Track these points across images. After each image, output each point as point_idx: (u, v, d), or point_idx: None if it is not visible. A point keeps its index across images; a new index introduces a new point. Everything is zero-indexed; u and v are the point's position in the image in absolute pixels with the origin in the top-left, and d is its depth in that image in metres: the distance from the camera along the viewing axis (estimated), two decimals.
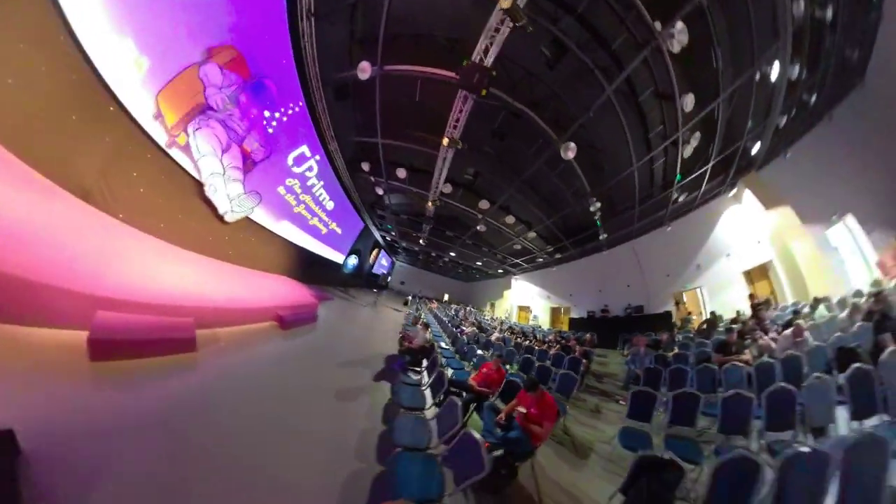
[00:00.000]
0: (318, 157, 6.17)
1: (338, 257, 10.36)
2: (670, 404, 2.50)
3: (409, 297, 18.36)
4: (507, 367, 4.09)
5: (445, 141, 5.44)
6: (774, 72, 4.50)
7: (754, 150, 6.56)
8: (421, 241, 14.37)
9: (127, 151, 2.84)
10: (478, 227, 10.90)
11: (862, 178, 5.68)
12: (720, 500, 1.25)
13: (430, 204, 8.99)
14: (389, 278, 23.47)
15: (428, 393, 2.87)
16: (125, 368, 1.81)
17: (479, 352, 5.14)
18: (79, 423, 1.35)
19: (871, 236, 5.60)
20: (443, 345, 5.49)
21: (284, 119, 4.72)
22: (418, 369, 3.67)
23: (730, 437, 2.19)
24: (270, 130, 4.52)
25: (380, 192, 8.81)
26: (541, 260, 14.69)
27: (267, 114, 4.34)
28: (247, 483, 1.43)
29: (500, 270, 19.11)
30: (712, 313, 7.93)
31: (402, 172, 7.31)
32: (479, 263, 18.09)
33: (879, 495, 1.14)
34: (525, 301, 18.11)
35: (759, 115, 5.53)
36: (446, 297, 28.65)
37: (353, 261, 12.00)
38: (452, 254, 16.81)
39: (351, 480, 1.67)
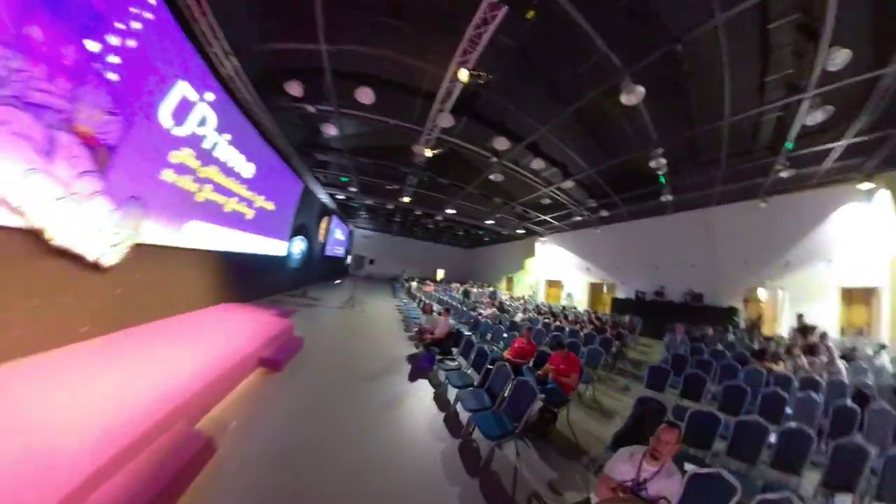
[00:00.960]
0: (210, 97, 5.19)
1: (278, 248, 9.81)
2: (681, 384, 4.32)
3: (395, 283, 18.45)
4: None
5: (463, 75, 5.18)
6: None
7: None
8: (404, 199, 13.69)
9: None
10: (491, 176, 10.49)
11: None
12: None
13: (423, 149, 8.34)
14: (350, 258, 23.17)
15: (471, 372, 4.54)
16: None
17: (506, 334, 6.59)
18: None
19: None
20: (465, 331, 6.55)
21: (131, 43, 3.68)
22: (451, 357, 5.41)
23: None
24: (113, 76, 3.54)
25: (329, 129, 7.85)
26: (579, 217, 14.53)
27: (94, 46, 3.33)
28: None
29: (519, 231, 18.92)
30: (800, 317, 8.88)
31: (366, 94, 6.34)
32: (489, 222, 17.70)
33: None
34: (555, 274, 18.54)
35: None
36: (441, 273, 29.10)
37: (299, 246, 11.43)
38: (450, 211, 16.21)
39: (446, 457, 3.04)
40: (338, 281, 17.01)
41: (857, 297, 8.79)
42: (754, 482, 2.56)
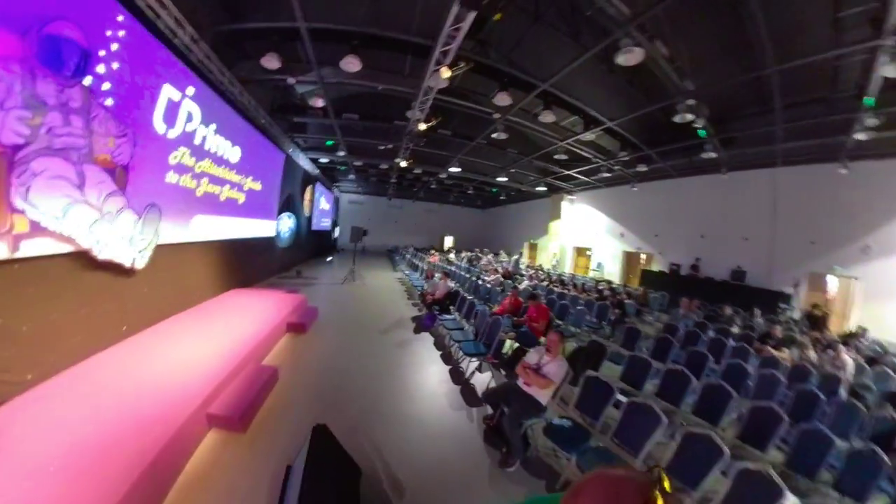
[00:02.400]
0: (192, 91, 6.28)
1: (268, 228, 11.19)
2: (652, 346, 6.06)
3: (394, 254, 19.86)
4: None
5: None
6: None
7: None
8: (401, 163, 14.69)
9: None
10: (493, 136, 11.48)
11: None
12: None
13: (418, 121, 9.30)
14: (338, 231, 24.13)
15: (465, 324, 7.06)
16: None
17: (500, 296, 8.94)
18: None
19: None
20: (463, 293, 8.83)
21: (115, 66, 4.76)
22: (449, 315, 7.78)
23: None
24: (110, 102, 4.68)
25: (316, 102, 8.83)
26: (608, 174, 15.26)
27: (89, 80, 4.46)
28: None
29: (539, 188, 19.71)
30: (814, 307, 9.98)
31: (352, 63, 7.19)
32: (501, 179, 18.50)
33: None
34: (585, 240, 19.57)
35: None
36: (449, 241, 30.05)
37: (287, 224, 12.78)
38: (455, 169, 17.08)
39: (441, 378, 5.42)
40: (329, 258, 18.50)
41: None
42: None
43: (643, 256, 17.01)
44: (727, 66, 7.50)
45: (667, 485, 0.66)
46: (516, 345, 5.63)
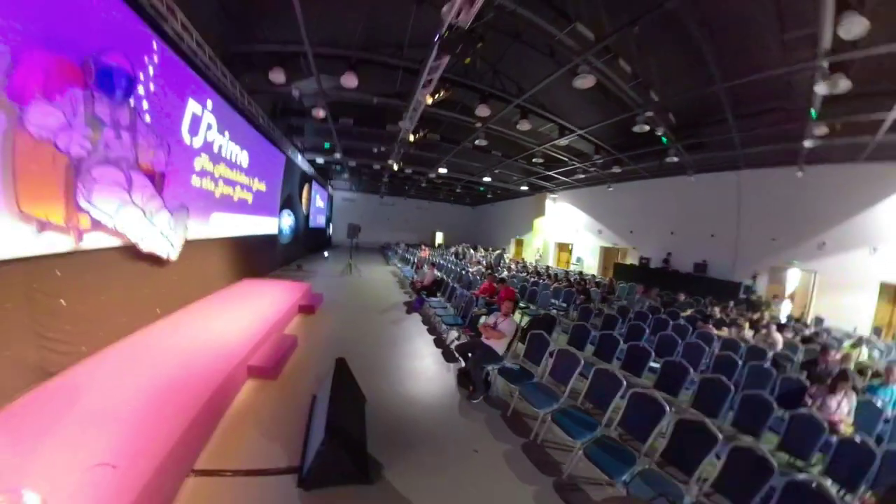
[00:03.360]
0: (210, 104, 7.11)
1: (272, 225, 12.07)
2: (602, 320, 7.46)
3: (387, 250, 20.76)
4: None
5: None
6: None
7: None
8: (392, 165, 15.57)
9: (38, 294, 3.70)
10: (475, 142, 12.60)
11: None
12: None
13: (407, 132, 10.25)
14: (332, 228, 24.98)
15: (448, 305, 8.37)
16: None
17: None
18: None
19: None
20: (448, 280, 10.32)
21: (152, 87, 5.59)
22: (435, 299, 9.05)
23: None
24: (148, 119, 5.50)
25: (318, 113, 9.72)
26: (582, 176, 16.56)
27: (133, 101, 5.27)
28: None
29: (523, 187, 20.79)
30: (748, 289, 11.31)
31: (350, 79, 8.03)
32: (486, 179, 19.54)
33: None
34: (566, 236, 20.70)
35: None
36: (440, 237, 30.98)
37: (288, 221, 13.65)
38: (443, 170, 18.08)
39: (427, 343, 6.89)
40: (326, 254, 19.31)
41: None
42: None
43: (619, 251, 18.12)
44: (691, 80, 8.22)
45: None
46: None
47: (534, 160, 14.96)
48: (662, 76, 8.24)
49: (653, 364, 5.23)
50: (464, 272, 12.18)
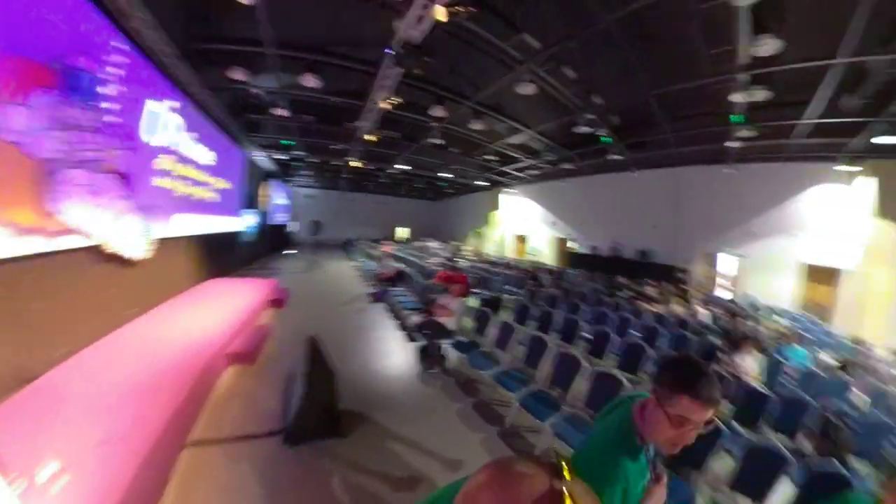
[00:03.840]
0: (172, 102, 7.23)
1: (235, 224, 12.12)
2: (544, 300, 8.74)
3: (349, 246, 21.00)
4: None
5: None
6: None
7: None
8: (352, 163, 15.81)
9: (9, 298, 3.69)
10: (433, 141, 13.10)
11: None
12: None
13: (365, 132, 10.60)
14: (294, 225, 24.44)
15: (408, 293, 9.59)
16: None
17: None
18: None
19: None
20: (408, 271, 11.33)
21: (116, 87, 5.65)
22: (398, 289, 9.98)
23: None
24: (111, 119, 5.57)
25: (278, 111, 9.94)
26: (536, 172, 17.51)
27: (97, 102, 5.39)
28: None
29: (480, 182, 21.55)
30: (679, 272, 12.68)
31: (310, 80, 8.27)
32: (446, 175, 20.12)
33: None
34: (523, 228, 21.72)
35: None
36: (402, 232, 31.30)
37: (250, 219, 13.64)
38: (402, 166, 18.47)
39: (390, 328, 7.61)
40: (288, 251, 19.30)
41: (821, 276, 10.99)
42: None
43: (571, 242, 19.31)
44: (632, 85, 8.90)
45: (567, 474, 0.66)
46: None
47: (486, 157, 15.72)
48: (605, 82, 8.95)
49: (587, 335, 6.06)
50: (424, 263, 12.82)
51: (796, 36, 6.03)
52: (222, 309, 6.61)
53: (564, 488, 0.63)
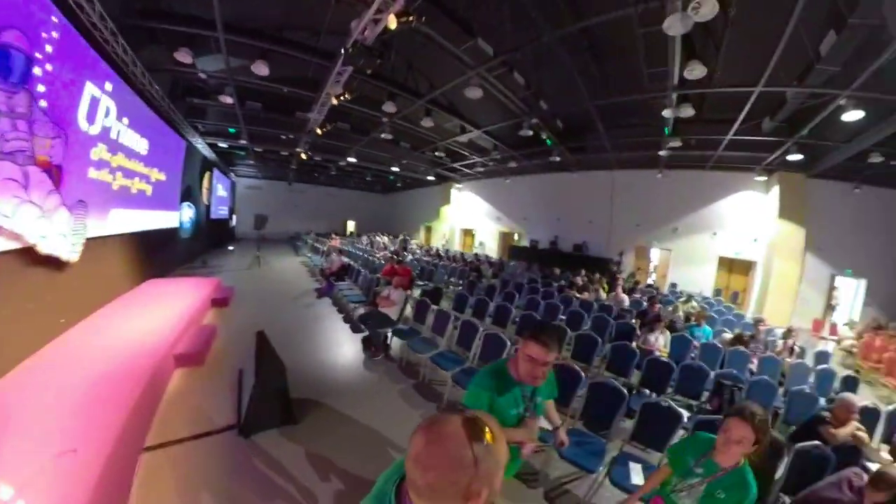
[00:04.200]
0: (110, 86, 6.80)
1: (173, 219, 11.46)
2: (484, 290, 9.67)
3: (297, 241, 20.57)
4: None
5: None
6: None
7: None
8: (301, 154, 15.49)
9: None
10: (381, 136, 13.20)
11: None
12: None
13: (316, 125, 10.52)
14: (236, 219, 23.79)
15: (354, 286, 9.80)
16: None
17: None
18: None
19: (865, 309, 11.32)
20: (355, 265, 11.32)
21: (50, 68, 5.26)
22: (344, 283, 10.10)
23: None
24: (44, 103, 5.12)
25: (226, 98, 9.60)
26: (481, 169, 18.30)
27: (30, 85, 4.77)
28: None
29: (429, 177, 21.90)
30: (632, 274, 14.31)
31: (262, 67, 7.90)
32: (395, 168, 20.25)
33: None
34: (470, 223, 22.34)
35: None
36: (352, 225, 30.93)
37: (188, 214, 12.98)
38: (352, 159, 18.27)
39: (339, 322, 7.88)
40: (231, 247, 18.61)
41: (737, 268, 13.52)
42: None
43: (516, 235, 20.28)
44: (576, 94, 9.43)
45: (478, 422, 0.85)
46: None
47: (436, 154, 16.23)
48: (553, 90, 9.59)
49: (517, 320, 6.79)
50: (370, 258, 13.13)
51: (727, 64, 7.05)
52: (164, 311, 6.40)
53: (473, 415, 0.89)
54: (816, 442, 3.27)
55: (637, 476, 2.94)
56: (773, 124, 8.97)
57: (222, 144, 16.28)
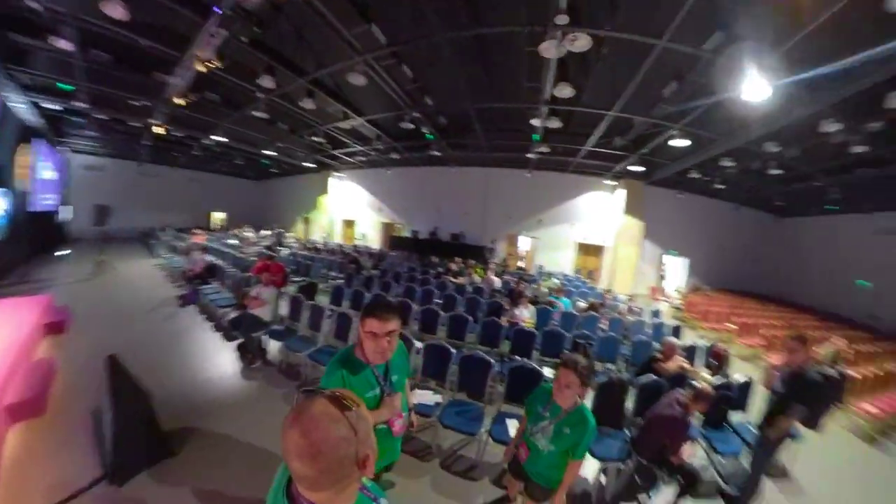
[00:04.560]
0: None
1: None
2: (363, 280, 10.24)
3: (150, 239, 17.30)
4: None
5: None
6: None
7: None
8: (157, 128, 13.12)
9: None
10: (255, 114, 11.83)
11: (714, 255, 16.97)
12: None
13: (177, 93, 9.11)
14: (68, 211, 18.02)
15: (223, 288, 8.83)
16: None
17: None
18: None
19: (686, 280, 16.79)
20: (221, 264, 10.40)
21: None
22: (210, 286, 8.87)
23: None
24: None
25: (59, 42, 6.97)
26: (363, 159, 18.32)
27: None
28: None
29: (309, 164, 20.84)
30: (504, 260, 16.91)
31: (117, 9, 5.98)
32: (269, 152, 18.63)
33: None
34: (351, 213, 21.90)
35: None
36: (220, 218, 27.48)
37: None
38: (219, 138, 15.91)
39: (206, 330, 7.27)
40: (64, 252, 14.22)
41: (591, 251, 16.95)
42: None
43: (398, 226, 20.70)
44: (460, 94, 9.67)
45: (338, 393, 0.93)
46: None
47: (316, 138, 15.49)
48: (439, 87, 9.88)
49: None
50: (240, 255, 12.37)
51: (593, 90, 8.49)
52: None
53: (331, 391, 0.94)
54: (652, 375, 4.41)
55: (513, 430, 3.50)
56: (623, 142, 11.27)
57: (52, 106, 11.87)
